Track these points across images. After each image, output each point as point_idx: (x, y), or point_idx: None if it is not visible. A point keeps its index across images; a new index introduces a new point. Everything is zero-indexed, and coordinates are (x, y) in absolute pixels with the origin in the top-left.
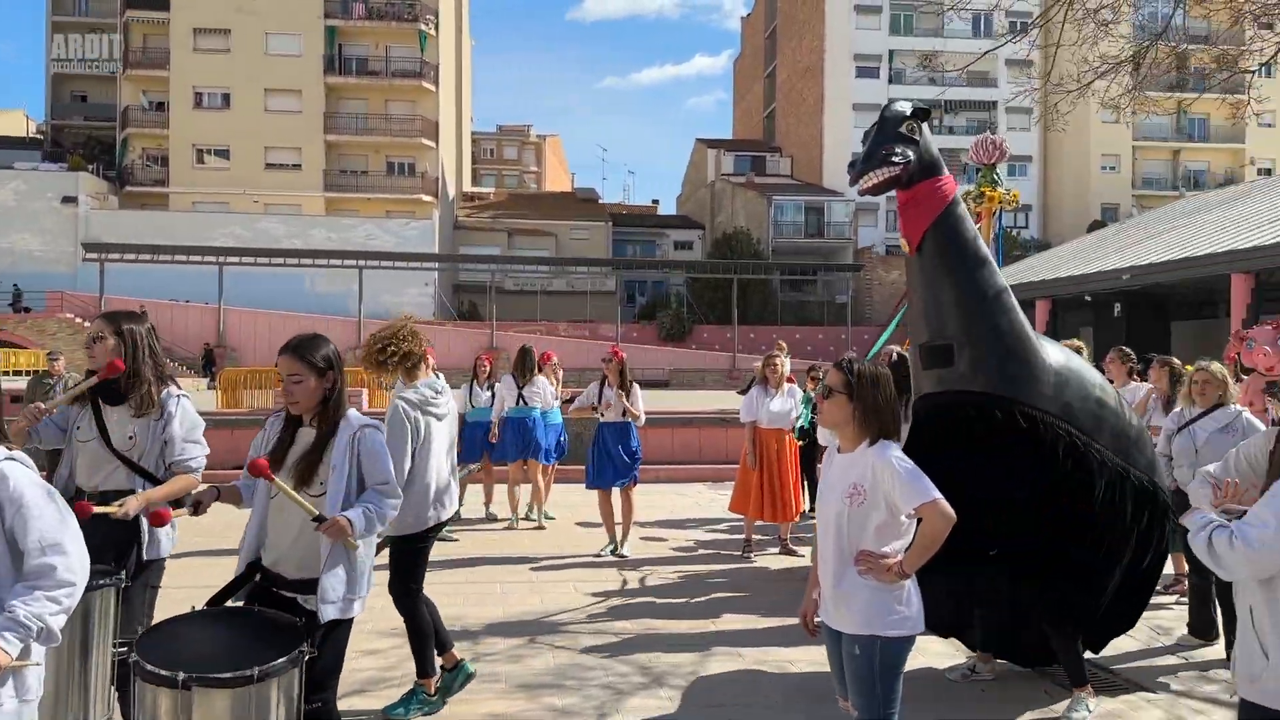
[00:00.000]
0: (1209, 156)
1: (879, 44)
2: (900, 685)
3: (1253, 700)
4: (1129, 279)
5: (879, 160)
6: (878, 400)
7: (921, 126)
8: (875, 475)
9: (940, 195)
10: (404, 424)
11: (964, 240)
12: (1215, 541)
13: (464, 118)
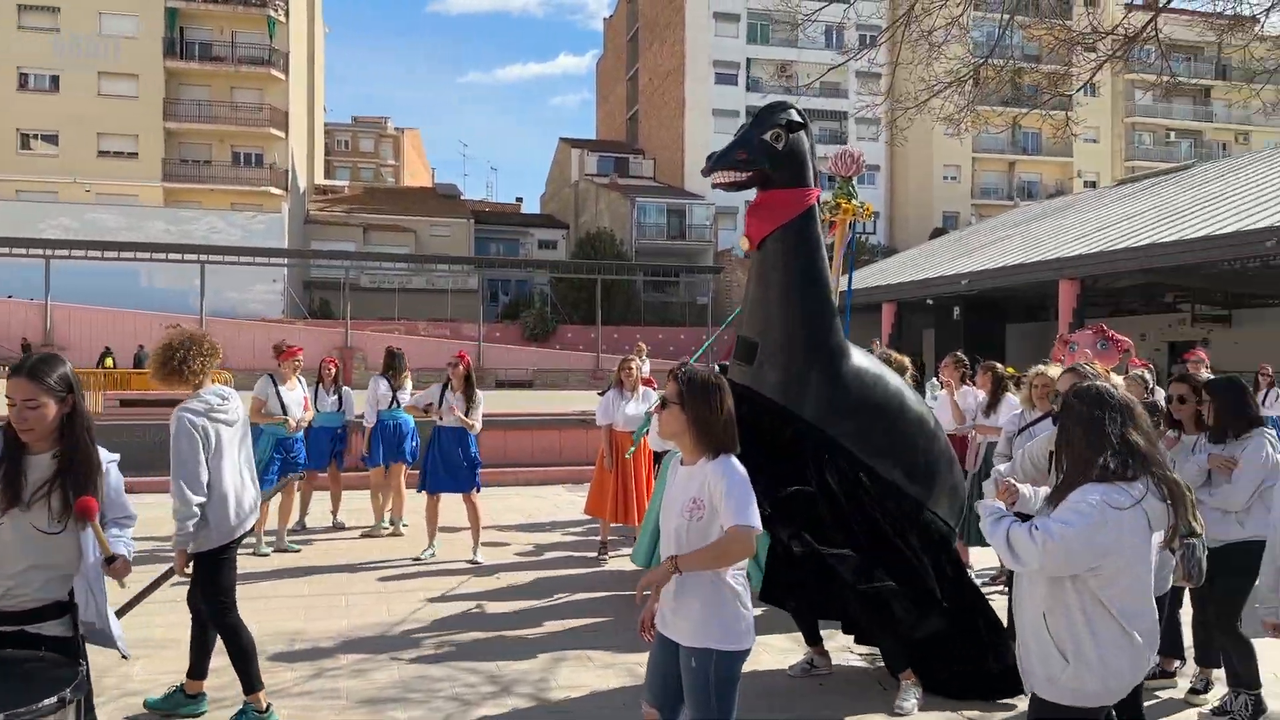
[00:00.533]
0: (1041, 169)
1: (737, 52)
2: (735, 697)
3: (1051, 699)
4: (967, 284)
5: (730, 162)
6: (708, 411)
7: (791, 137)
8: (711, 489)
9: (794, 206)
10: (192, 435)
11: (803, 254)
12: (1014, 536)
13: (316, 108)
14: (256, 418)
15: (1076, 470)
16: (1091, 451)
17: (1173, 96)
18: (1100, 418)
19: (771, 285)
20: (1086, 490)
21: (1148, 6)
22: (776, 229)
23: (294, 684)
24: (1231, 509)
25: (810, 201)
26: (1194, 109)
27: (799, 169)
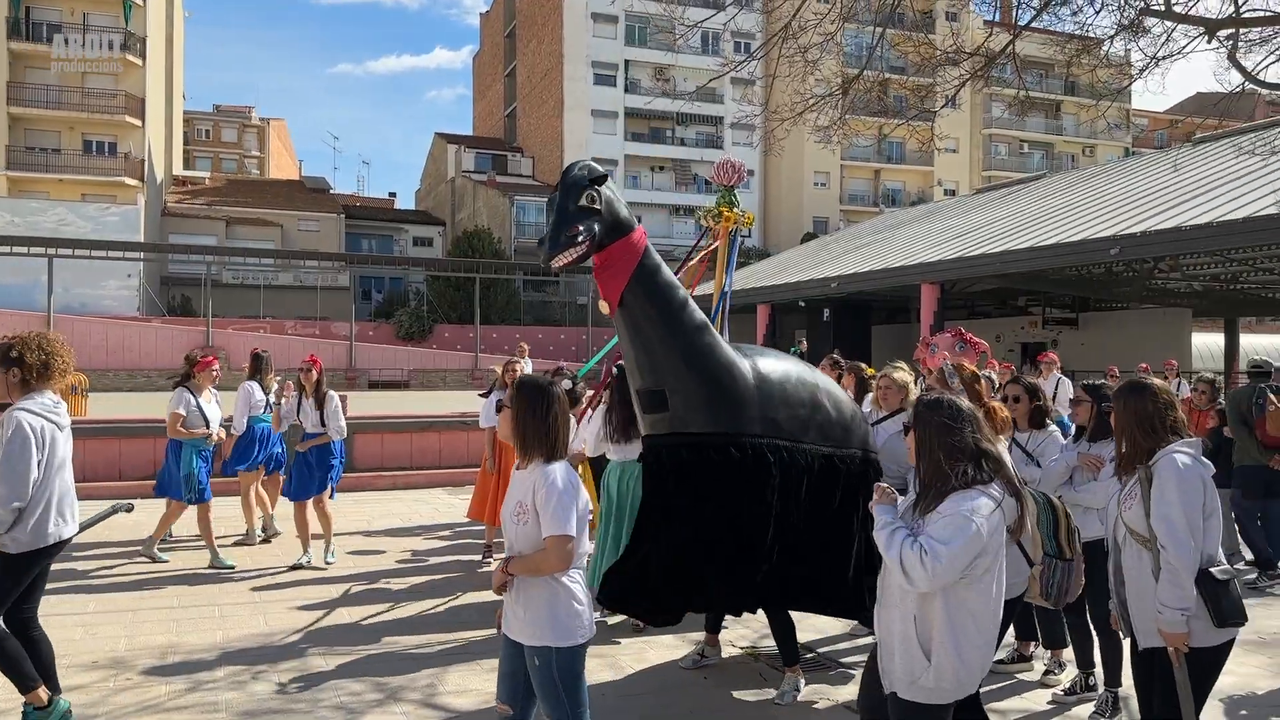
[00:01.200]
0: (904, 177)
1: (615, 53)
2: (584, 689)
3: (911, 699)
4: (836, 287)
5: (564, 243)
6: (535, 416)
7: (602, 192)
8: (535, 496)
9: (632, 253)
10: (28, 436)
11: (660, 291)
12: (906, 556)
13: (175, 95)
14: (176, 433)
15: (937, 478)
16: (949, 460)
17: (1027, 111)
18: (953, 426)
19: (649, 337)
20: (958, 500)
21: (1005, 26)
22: (629, 281)
23: (169, 698)
24: (1095, 506)
25: (643, 241)
26: (1046, 123)
27: (620, 219)
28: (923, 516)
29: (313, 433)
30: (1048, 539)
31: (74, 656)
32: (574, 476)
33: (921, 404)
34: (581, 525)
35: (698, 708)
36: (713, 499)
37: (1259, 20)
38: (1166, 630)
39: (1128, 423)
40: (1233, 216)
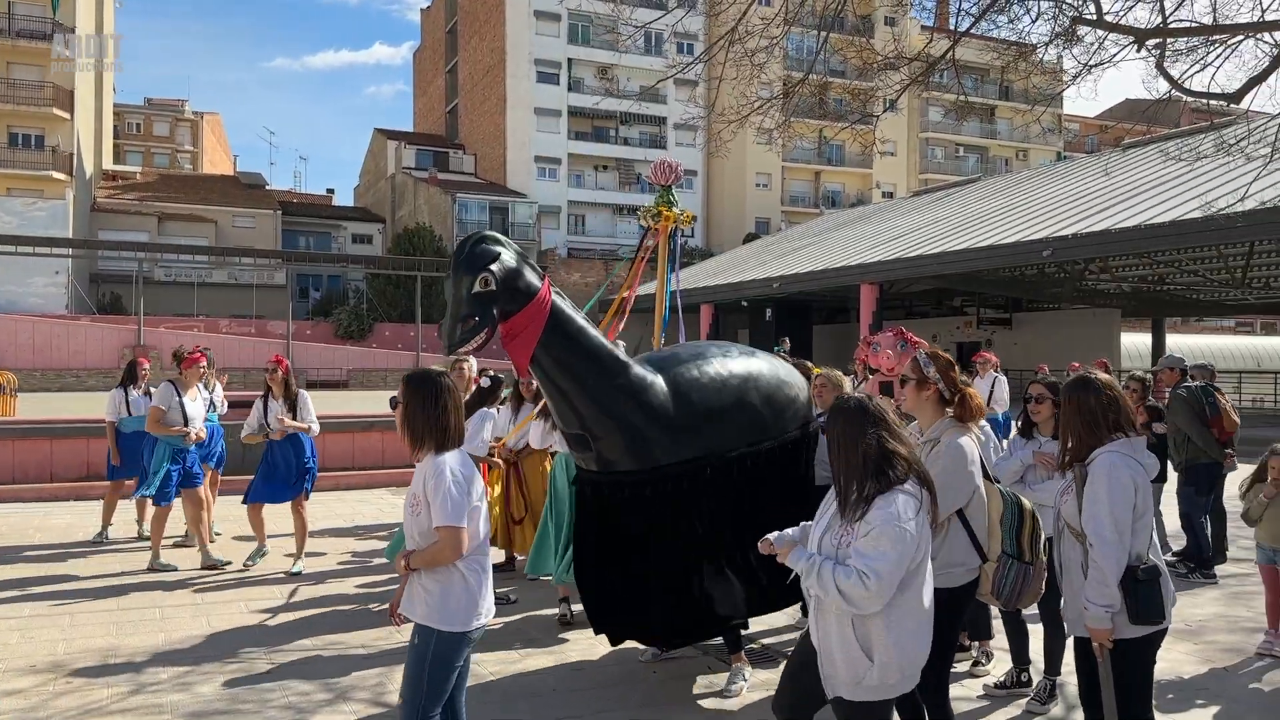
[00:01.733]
0: (844, 179)
1: (558, 51)
2: (450, 684)
3: (858, 699)
4: (778, 287)
5: (465, 334)
6: (423, 408)
7: (496, 268)
8: (425, 487)
9: (537, 317)
10: None
11: (570, 346)
12: (844, 586)
13: (105, 87)
14: (155, 428)
15: (854, 480)
16: (862, 462)
17: (965, 115)
18: (865, 429)
19: (564, 389)
20: (882, 507)
21: (943, 32)
22: (537, 347)
23: (111, 701)
24: (1049, 504)
25: (547, 301)
26: (981, 126)
27: (521, 288)
28: (852, 525)
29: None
30: (1009, 537)
31: (10, 661)
32: (469, 467)
33: (834, 408)
34: (474, 516)
35: (647, 701)
36: (653, 530)
37: (1185, 31)
38: (1091, 625)
39: (1072, 418)
40: (1159, 220)
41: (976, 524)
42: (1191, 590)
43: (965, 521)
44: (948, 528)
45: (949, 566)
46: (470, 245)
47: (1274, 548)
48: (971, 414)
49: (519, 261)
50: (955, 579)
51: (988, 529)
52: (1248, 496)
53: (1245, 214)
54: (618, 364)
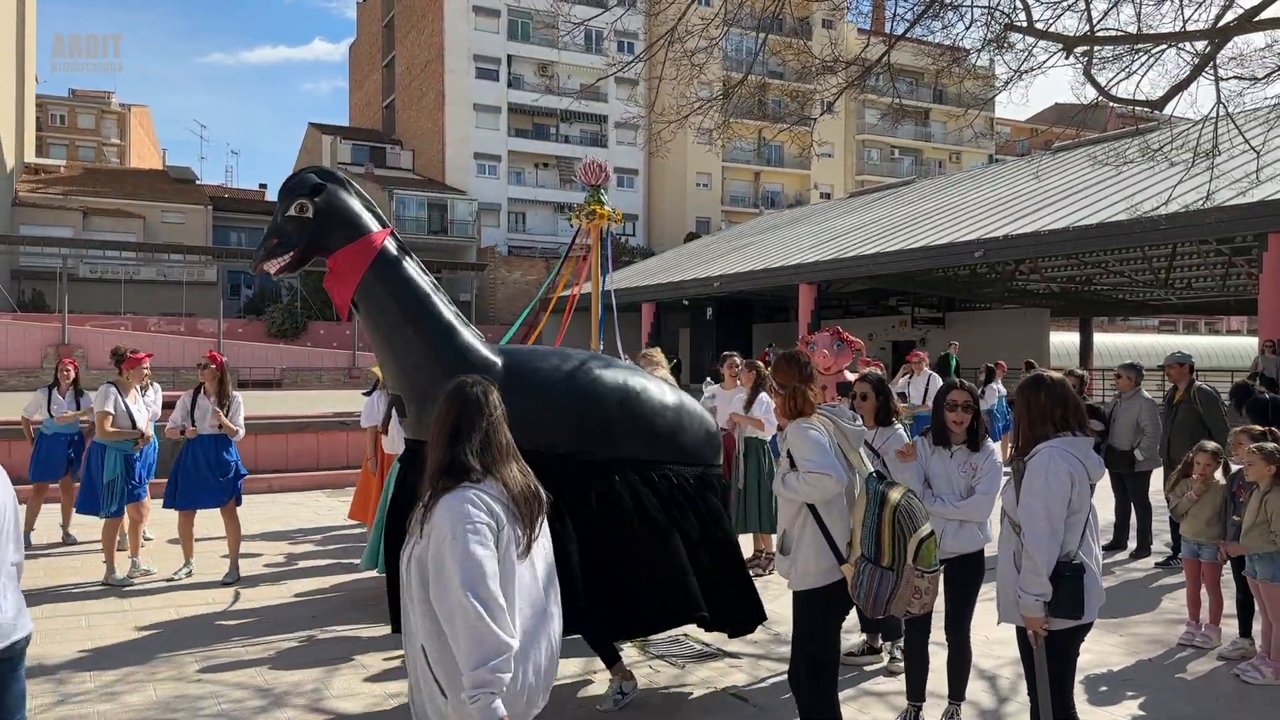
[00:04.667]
0: (783, 180)
1: (498, 47)
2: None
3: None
4: (719, 286)
5: (266, 252)
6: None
7: (319, 200)
8: None
9: (360, 257)
10: None
11: (394, 300)
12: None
13: (26, 78)
14: (104, 434)
15: (437, 475)
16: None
17: (900, 118)
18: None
19: (382, 344)
20: (453, 503)
21: (879, 35)
22: (357, 289)
23: (35, 713)
24: (976, 519)
25: (376, 245)
26: (915, 129)
27: (347, 222)
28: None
29: (208, 434)
30: (868, 539)
31: None
32: None
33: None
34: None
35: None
36: None
37: (1111, 39)
38: (1024, 614)
39: (1021, 414)
40: (1087, 222)
41: (831, 522)
42: (1118, 583)
43: (819, 519)
44: (803, 526)
45: (797, 566)
46: (299, 174)
47: (1198, 542)
48: (806, 410)
49: (354, 203)
50: (800, 580)
51: (852, 530)
52: (1175, 492)
53: (1169, 216)
54: (444, 331)
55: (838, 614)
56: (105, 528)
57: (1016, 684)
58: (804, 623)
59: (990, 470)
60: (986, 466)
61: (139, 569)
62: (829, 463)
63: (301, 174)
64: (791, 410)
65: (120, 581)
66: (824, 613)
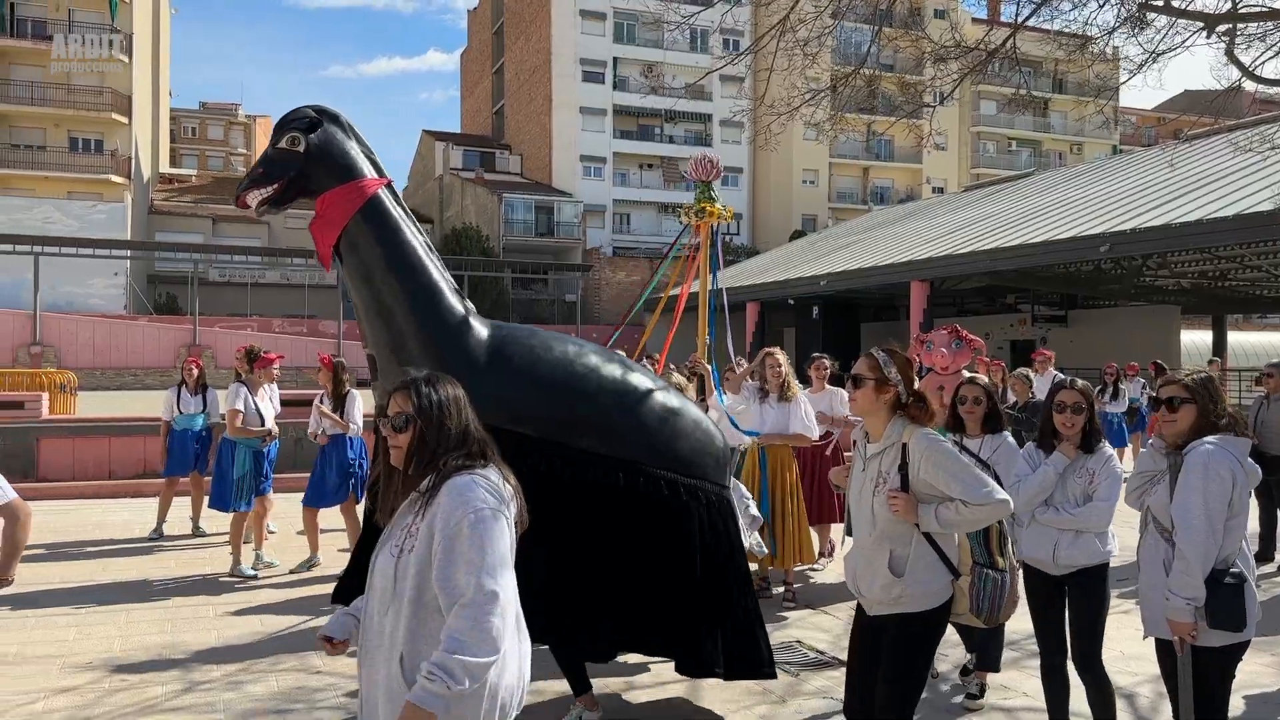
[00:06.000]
0: (893, 174)
1: (604, 50)
2: None
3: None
4: (825, 284)
5: (250, 180)
6: None
7: (313, 136)
8: None
9: (348, 202)
10: None
11: (372, 250)
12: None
13: (161, 92)
14: (235, 431)
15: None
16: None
17: (1019, 108)
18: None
19: (361, 298)
20: (466, 485)
21: (996, 22)
22: (340, 235)
23: (164, 699)
24: (1097, 529)
25: (367, 192)
26: (1034, 120)
27: (339, 164)
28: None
29: (334, 433)
30: (977, 546)
31: (67, 658)
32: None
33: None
34: None
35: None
36: None
37: (1257, 15)
38: (1171, 618)
39: (1190, 412)
40: (1223, 214)
41: (939, 535)
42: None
43: (928, 534)
44: (916, 543)
45: (915, 587)
46: (296, 110)
47: None
48: (931, 417)
49: (350, 146)
50: (920, 601)
51: (956, 539)
52: None
53: None
54: (428, 292)
55: (937, 639)
56: (233, 521)
57: (1158, 704)
58: (914, 648)
59: (1109, 476)
60: (1104, 472)
61: (262, 561)
62: (994, 483)
63: (301, 109)
64: (920, 417)
65: (245, 574)
66: (936, 633)
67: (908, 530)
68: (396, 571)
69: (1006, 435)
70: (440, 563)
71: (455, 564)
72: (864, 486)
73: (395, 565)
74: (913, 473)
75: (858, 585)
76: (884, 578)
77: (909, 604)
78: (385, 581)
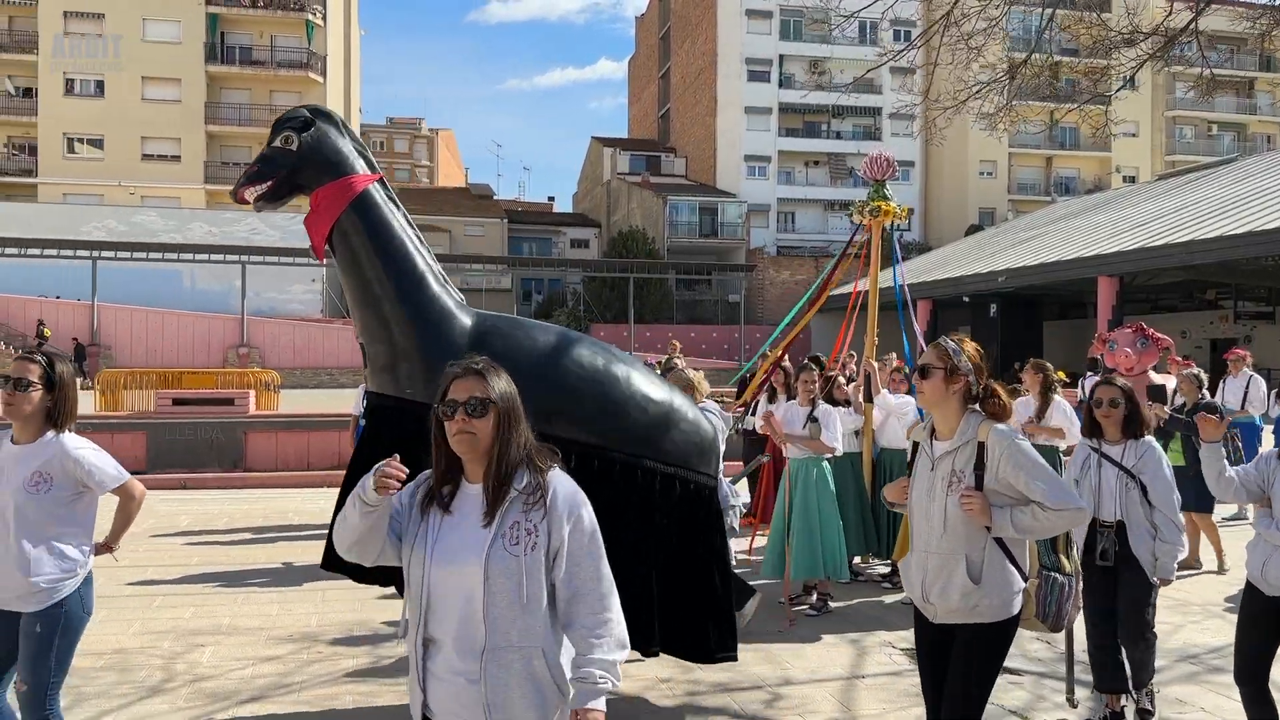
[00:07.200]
0: (1079, 164)
1: (769, 49)
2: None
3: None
4: (1004, 281)
5: (246, 177)
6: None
7: (306, 135)
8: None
9: (339, 197)
10: None
11: (363, 243)
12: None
13: (352, 109)
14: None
15: (526, 448)
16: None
17: (1213, 91)
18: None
19: (353, 289)
20: (567, 479)
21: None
22: (332, 228)
23: (356, 669)
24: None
25: (357, 188)
26: (1237, 102)
27: (331, 161)
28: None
29: None
30: (1044, 549)
31: (271, 630)
32: None
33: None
34: None
35: None
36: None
37: None
38: None
39: None
40: None
41: (1010, 540)
42: None
43: (999, 538)
44: (990, 550)
45: (993, 596)
46: (292, 110)
47: None
48: (1006, 412)
49: (343, 144)
50: (998, 610)
51: (1027, 542)
52: None
53: None
54: (414, 283)
55: (1007, 648)
56: None
57: None
58: (985, 657)
59: None
60: None
61: None
62: (1072, 489)
63: (295, 109)
64: (997, 412)
65: None
66: (1007, 643)
67: (980, 534)
68: (525, 569)
69: (1150, 440)
70: (583, 559)
71: (598, 560)
72: (934, 487)
73: (522, 563)
74: (989, 473)
75: (926, 594)
76: (961, 585)
77: (985, 614)
78: (510, 580)
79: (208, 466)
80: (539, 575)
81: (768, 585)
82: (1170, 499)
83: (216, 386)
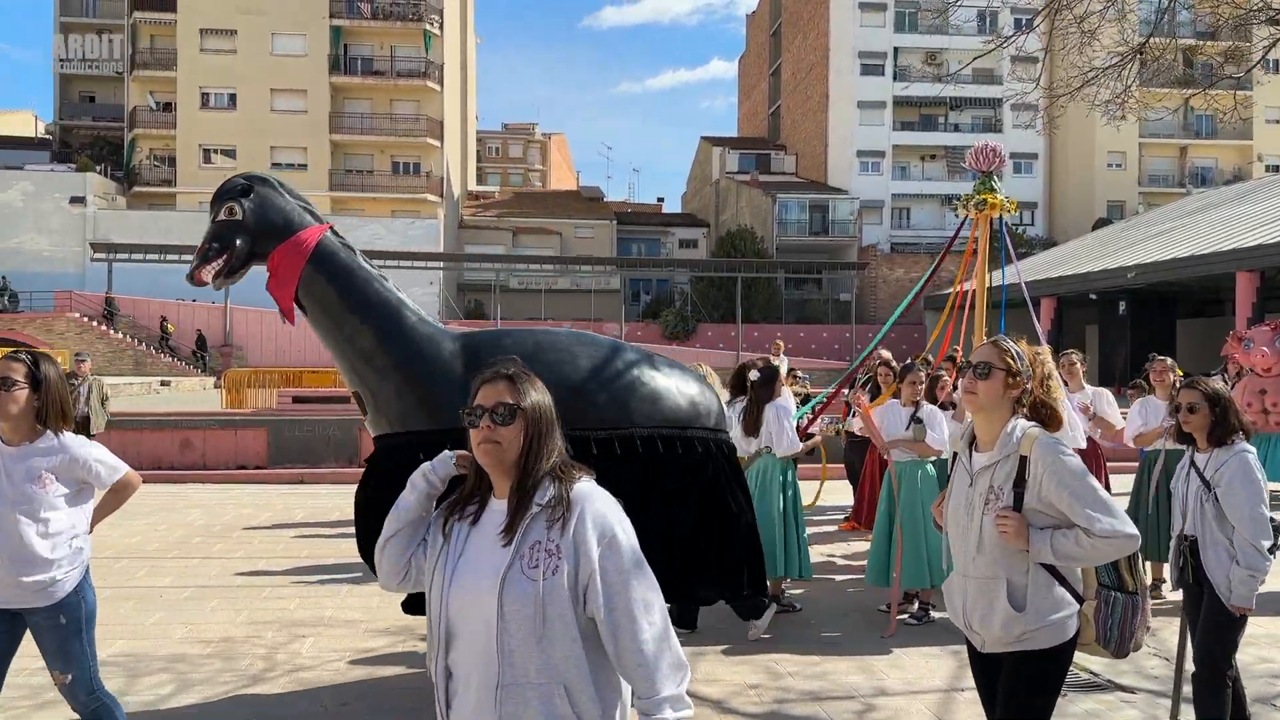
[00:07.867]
0: (1217, 153)
1: (883, 41)
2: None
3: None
4: (1134, 277)
5: (200, 259)
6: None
7: (248, 201)
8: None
9: (297, 256)
10: None
11: (329, 292)
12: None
13: (469, 116)
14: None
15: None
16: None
17: None
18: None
19: (330, 340)
20: (599, 490)
21: None
22: (297, 288)
23: None
24: None
25: (311, 241)
26: None
27: (278, 223)
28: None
29: None
30: (1104, 566)
31: (369, 623)
32: None
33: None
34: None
35: None
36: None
37: None
38: None
39: None
40: None
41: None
42: None
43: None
44: (1035, 571)
45: (1040, 623)
46: (228, 180)
47: None
48: (1060, 423)
49: (286, 203)
50: (1048, 638)
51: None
52: None
53: None
54: (390, 316)
55: (1063, 676)
56: None
57: None
58: (1035, 689)
59: None
60: None
61: None
62: (1123, 513)
63: (231, 179)
64: (1049, 422)
65: None
66: (1063, 672)
67: (1022, 556)
68: (544, 595)
69: (1241, 447)
70: (620, 587)
71: (640, 580)
72: (972, 504)
73: (540, 588)
74: (1030, 490)
75: (969, 621)
76: (1004, 613)
77: (1033, 642)
78: (526, 608)
79: (325, 462)
80: (561, 603)
81: (866, 593)
82: (1248, 515)
83: (335, 385)
